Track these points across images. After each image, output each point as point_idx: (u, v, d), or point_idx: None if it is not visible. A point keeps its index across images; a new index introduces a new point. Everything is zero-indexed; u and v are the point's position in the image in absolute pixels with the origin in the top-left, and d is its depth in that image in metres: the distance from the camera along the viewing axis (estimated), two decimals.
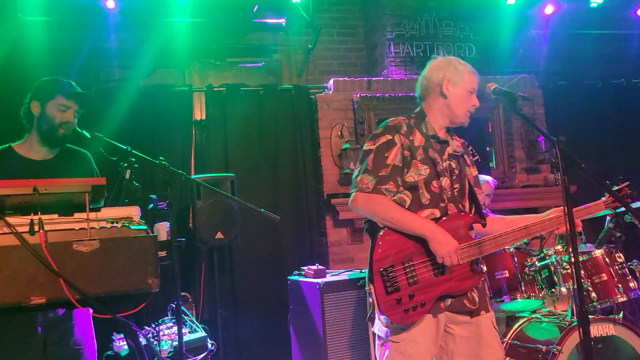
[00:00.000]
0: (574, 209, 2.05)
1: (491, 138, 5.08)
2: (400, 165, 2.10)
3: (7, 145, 2.38)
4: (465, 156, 2.28)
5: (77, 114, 2.38)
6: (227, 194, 3.20)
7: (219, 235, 3.82)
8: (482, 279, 2.15)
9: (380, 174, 2.08)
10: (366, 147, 2.16)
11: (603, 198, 2.34)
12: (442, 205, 2.12)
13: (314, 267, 3.50)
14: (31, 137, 2.37)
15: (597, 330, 2.82)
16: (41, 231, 1.68)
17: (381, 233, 2.05)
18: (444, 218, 2.09)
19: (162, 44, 4.54)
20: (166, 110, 4.39)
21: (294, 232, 4.49)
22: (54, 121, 2.32)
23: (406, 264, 2.02)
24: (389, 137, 2.13)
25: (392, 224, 2.05)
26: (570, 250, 1.82)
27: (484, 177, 3.90)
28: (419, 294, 2.00)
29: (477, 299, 2.13)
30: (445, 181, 2.14)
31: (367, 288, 2.04)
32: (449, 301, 2.07)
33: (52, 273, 1.66)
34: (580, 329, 1.73)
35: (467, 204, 2.21)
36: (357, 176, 2.13)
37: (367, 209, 2.09)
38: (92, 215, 1.80)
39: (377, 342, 2.16)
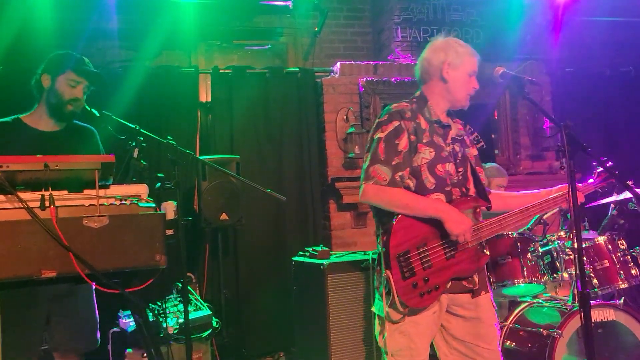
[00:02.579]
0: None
1: (497, 125, 5.06)
2: (408, 150, 2.09)
3: (16, 116, 2.40)
4: (465, 137, 2.28)
5: (86, 89, 2.41)
6: (234, 174, 3.22)
7: (224, 216, 3.84)
8: (487, 261, 2.18)
9: (394, 164, 2.06)
10: (374, 135, 2.13)
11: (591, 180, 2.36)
12: (447, 189, 2.13)
13: (319, 249, 3.53)
14: (40, 108, 2.40)
15: (598, 315, 2.86)
16: (52, 206, 1.70)
17: (396, 219, 2.04)
18: (450, 203, 2.10)
19: (168, 25, 4.51)
20: (172, 92, 4.37)
21: (298, 215, 4.51)
22: (62, 97, 2.36)
23: (421, 249, 2.04)
24: (397, 123, 2.10)
25: (405, 210, 2.04)
26: (572, 235, 1.83)
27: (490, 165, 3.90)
28: (433, 278, 2.03)
29: (476, 280, 2.15)
30: (450, 166, 2.15)
31: (384, 274, 2.02)
32: (449, 283, 2.09)
33: (63, 248, 1.69)
34: (582, 312, 1.75)
35: (471, 187, 2.21)
36: (368, 167, 2.09)
37: (380, 200, 2.06)
38: (101, 192, 1.82)
39: (376, 321, 2.18)
